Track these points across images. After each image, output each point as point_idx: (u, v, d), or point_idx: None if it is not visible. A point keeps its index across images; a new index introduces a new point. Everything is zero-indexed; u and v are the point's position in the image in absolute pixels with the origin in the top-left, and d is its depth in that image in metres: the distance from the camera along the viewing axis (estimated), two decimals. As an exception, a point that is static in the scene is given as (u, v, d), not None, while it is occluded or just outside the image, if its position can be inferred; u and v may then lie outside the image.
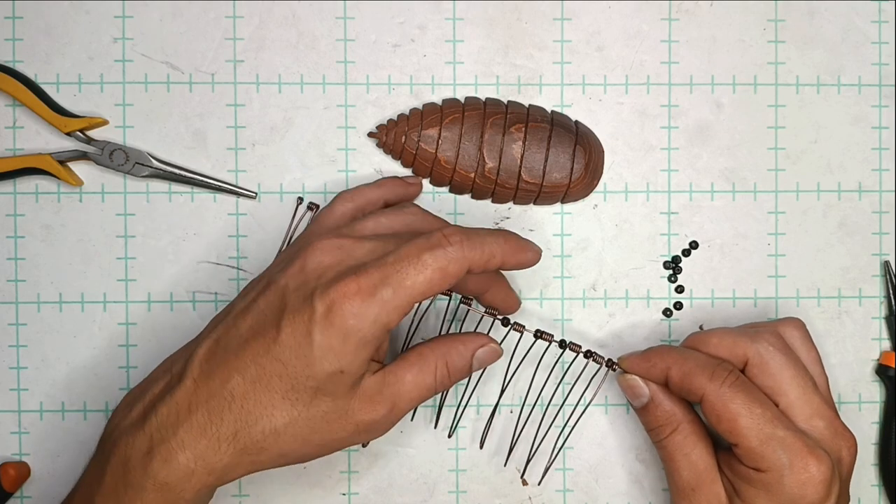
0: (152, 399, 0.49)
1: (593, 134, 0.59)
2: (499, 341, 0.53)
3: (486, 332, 0.54)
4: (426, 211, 0.54)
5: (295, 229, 0.58)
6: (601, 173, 0.59)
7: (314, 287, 0.47)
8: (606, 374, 0.56)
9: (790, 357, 0.52)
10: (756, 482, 0.50)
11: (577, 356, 0.56)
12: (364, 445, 0.58)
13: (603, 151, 0.59)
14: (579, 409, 0.58)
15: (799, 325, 0.55)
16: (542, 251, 0.52)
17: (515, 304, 0.57)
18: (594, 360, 0.56)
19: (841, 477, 0.51)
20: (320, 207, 0.58)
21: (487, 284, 0.55)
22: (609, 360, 0.55)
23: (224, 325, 0.49)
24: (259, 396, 0.47)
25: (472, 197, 0.59)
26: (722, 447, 0.53)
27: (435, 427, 0.59)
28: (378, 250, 0.48)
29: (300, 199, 0.58)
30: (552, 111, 0.59)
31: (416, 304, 0.49)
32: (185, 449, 0.47)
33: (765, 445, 0.50)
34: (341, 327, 0.46)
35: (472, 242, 0.48)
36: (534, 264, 0.52)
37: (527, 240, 0.52)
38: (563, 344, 0.56)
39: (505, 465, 0.59)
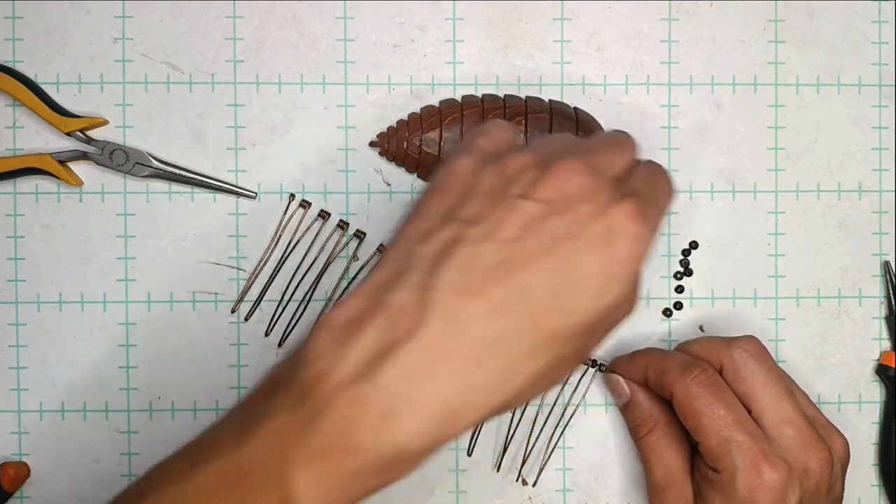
0: (378, 344, 0.40)
1: (593, 118, 0.58)
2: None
3: None
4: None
5: (285, 227, 0.58)
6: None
7: (594, 212, 0.41)
8: (594, 375, 0.58)
9: (764, 363, 0.53)
10: (714, 483, 0.51)
11: None
12: None
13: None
14: (570, 409, 0.58)
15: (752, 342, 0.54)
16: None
17: None
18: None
19: (805, 488, 0.51)
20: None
21: None
22: (594, 361, 0.58)
23: (464, 252, 0.41)
24: (524, 338, 0.41)
25: (473, 196, 0.59)
26: (696, 449, 0.54)
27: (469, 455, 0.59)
28: (615, 161, 0.45)
29: (292, 196, 0.58)
30: (550, 100, 0.59)
31: None
32: (434, 403, 0.39)
33: (721, 447, 0.51)
34: (632, 253, 0.42)
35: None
36: None
37: None
38: None
39: (497, 470, 0.59)
